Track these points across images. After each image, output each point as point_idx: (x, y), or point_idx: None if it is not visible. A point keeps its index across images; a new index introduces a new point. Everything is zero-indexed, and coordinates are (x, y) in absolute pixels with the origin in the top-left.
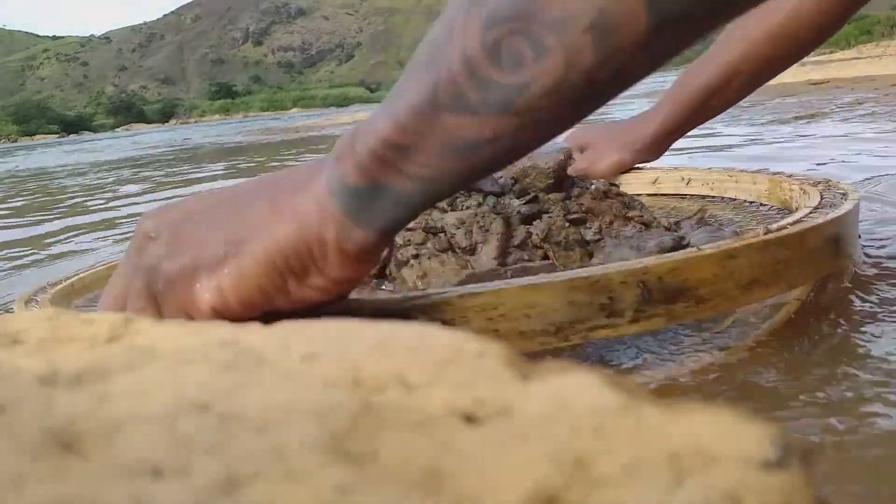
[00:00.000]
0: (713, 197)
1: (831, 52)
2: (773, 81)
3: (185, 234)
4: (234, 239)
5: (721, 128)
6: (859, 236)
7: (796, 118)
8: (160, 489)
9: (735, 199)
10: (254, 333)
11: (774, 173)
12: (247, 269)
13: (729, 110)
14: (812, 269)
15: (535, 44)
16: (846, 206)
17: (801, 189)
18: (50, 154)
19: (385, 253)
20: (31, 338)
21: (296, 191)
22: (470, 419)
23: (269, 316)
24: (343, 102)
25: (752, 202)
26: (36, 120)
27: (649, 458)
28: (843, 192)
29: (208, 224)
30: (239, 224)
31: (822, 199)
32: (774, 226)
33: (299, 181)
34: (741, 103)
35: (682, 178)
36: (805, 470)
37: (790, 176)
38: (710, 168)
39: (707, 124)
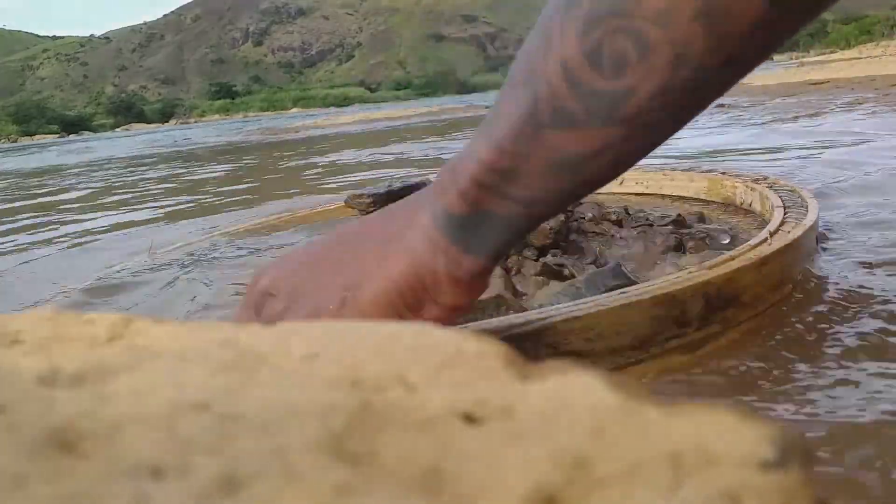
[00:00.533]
0: (651, 194)
1: (831, 52)
2: (773, 81)
3: (302, 286)
4: (351, 283)
5: (719, 128)
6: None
7: (796, 118)
8: (160, 489)
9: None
10: (254, 333)
11: (709, 171)
12: (366, 309)
13: (729, 111)
14: (801, 263)
15: (639, 41)
16: (814, 204)
17: (746, 186)
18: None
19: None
20: (31, 338)
21: (402, 228)
22: (470, 419)
23: None
24: (343, 102)
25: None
26: (36, 120)
27: (649, 458)
28: (790, 188)
29: (323, 273)
30: (353, 268)
31: (782, 198)
32: (768, 229)
33: (404, 219)
34: (741, 103)
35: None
36: (805, 470)
37: (724, 173)
38: (642, 168)
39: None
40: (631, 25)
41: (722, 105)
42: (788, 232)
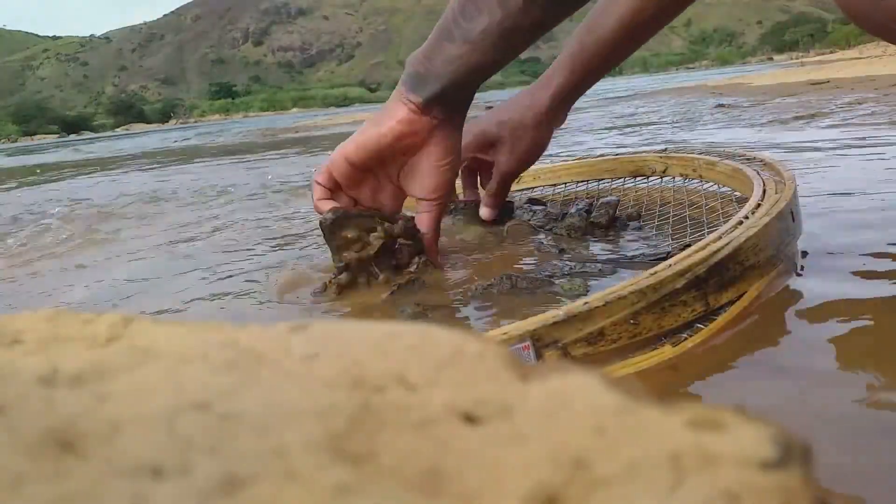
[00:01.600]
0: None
1: (831, 52)
2: (772, 81)
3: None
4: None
5: (718, 129)
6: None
7: (796, 118)
8: (160, 489)
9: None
10: (254, 333)
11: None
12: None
13: (729, 111)
14: (781, 241)
15: None
16: (791, 185)
17: (660, 160)
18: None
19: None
20: (31, 338)
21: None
22: (470, 419)
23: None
24: (343, 102)
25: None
26: (36, 120)
27: (649, 458)
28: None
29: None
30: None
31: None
32: (747, 208)
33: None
34: (742, 104)
35: (535, 176)
36: (805, 470)
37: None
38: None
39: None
40: None
41: (722, 105)
42: (771, 209)
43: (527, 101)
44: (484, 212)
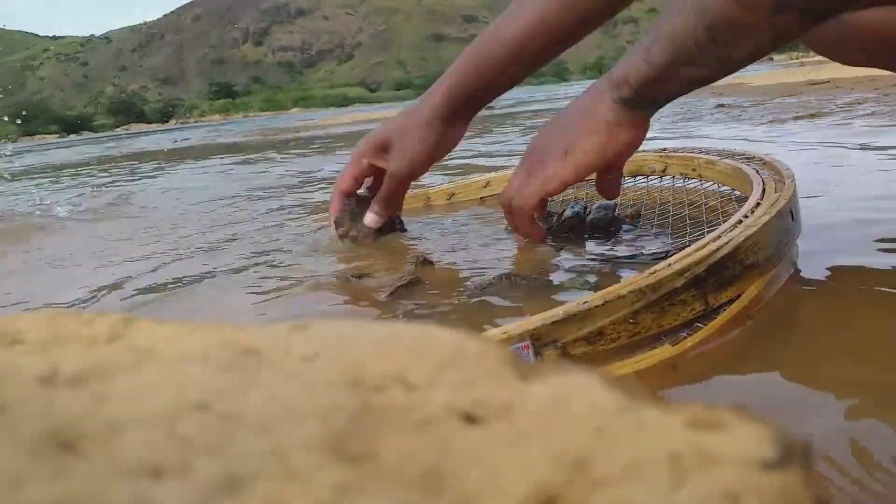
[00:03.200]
0: None
1: None
2: (772, 81)
3: (543, 148)
4: (567, 144)
5: (719, 129)
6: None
7: (796, 118)
8: (160, 489)
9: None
10: (254, 333)
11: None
12: (580, 157)
13: (729, 111)
14: (781, 240)
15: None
16: (790, 184)
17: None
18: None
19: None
20: (31, 338)
21: (591, 111)
22: (470, 419)
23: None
24: (343, 102)
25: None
26: (36, 120)
27: (649, 458)
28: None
29: (551, 139)
30: (567, 134)
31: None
32: (746, 207)
33: (589, 107)
34: (742, 104)
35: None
36: (805, 470)
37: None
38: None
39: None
40: None
41: (722, 105)
42: (773, 206)
43: (420, 103)
44: (369, 217)
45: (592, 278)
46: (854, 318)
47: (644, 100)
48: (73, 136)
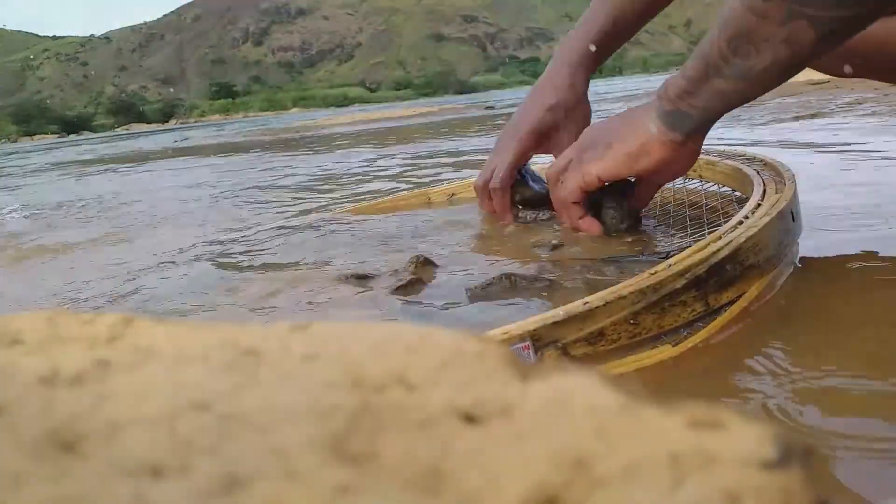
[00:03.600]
0: None
1: None
2: None
3: (588, 142)
4: (610, 142)
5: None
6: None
7: (796, 118)
8: (160, 489)
9: None
10: (254, 333)
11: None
12: (617, 156)
13: (728, 112)
14: (781, 241)
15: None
16: (791, 185)
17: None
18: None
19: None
20: (31, 338)
21: (636, 120)
22: (470, 419)
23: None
24: (343, 102)
25: None
26: (36, 120)
27: (649, 458)
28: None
29: (597, 136)
30: (611, 135)
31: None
32: (747, 208)
33: (635, 117)
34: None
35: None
36: (805, 470)
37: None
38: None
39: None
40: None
41: None
42: (773, 207)
43: (560, 80)
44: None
45: (593, 279)
46: (857, 318)
47: (680, 115)
48: (73, 136)
